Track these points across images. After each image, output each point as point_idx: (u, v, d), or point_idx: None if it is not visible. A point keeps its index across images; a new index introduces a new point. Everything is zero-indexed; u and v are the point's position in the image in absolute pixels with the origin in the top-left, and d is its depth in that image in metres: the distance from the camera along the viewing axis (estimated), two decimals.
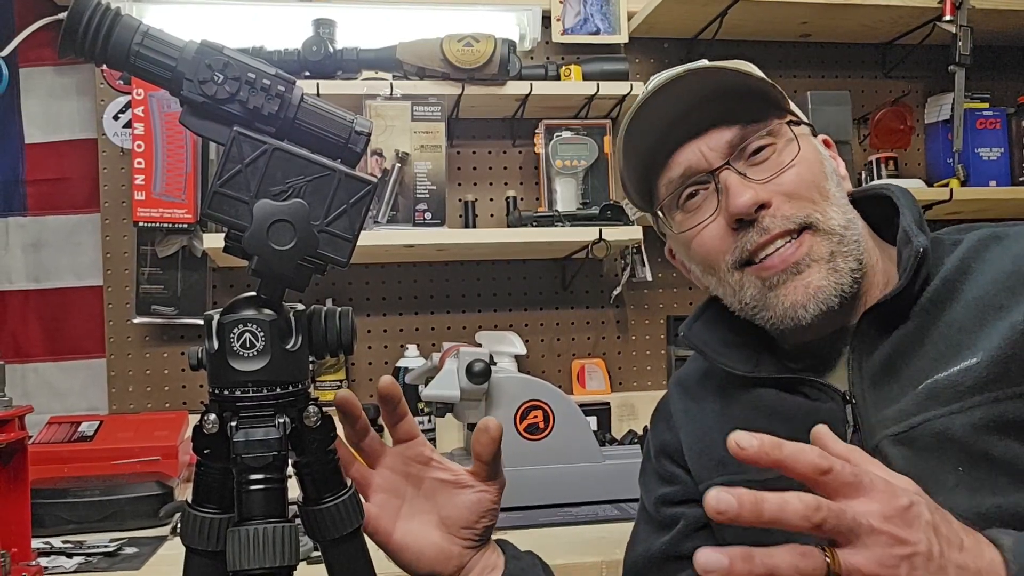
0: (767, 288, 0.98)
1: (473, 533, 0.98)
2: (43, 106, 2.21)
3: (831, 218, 0.97)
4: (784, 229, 0.96)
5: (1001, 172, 2.42)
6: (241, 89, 0.74)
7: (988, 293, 0.92)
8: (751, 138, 0.99)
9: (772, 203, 0.96)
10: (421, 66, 2.08)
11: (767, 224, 0.96)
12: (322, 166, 0.76)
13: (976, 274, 0.94)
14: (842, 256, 0.96)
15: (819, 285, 0.95)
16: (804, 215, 0.96)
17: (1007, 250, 0.94)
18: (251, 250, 0.73)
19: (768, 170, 0.98)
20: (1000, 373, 0.87)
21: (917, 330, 0.94)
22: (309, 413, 0.78)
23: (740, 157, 0.99)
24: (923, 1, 2.27)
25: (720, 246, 1.00)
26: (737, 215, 0.97)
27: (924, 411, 0.89)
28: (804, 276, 0.95)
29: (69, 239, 2.21)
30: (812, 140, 1.04)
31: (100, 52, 0.73)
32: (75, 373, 2.20)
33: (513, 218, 2.21)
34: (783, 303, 0.96)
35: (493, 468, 0.97)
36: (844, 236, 0.96)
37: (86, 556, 1.43)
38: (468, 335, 2.31)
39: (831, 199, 0.98)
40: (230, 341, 0.74)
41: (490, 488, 0.98)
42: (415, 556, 0.96)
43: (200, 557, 0.79)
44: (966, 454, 0.86)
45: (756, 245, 0.97)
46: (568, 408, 1.70)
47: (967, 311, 0.92)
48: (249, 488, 0.74)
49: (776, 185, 0.97)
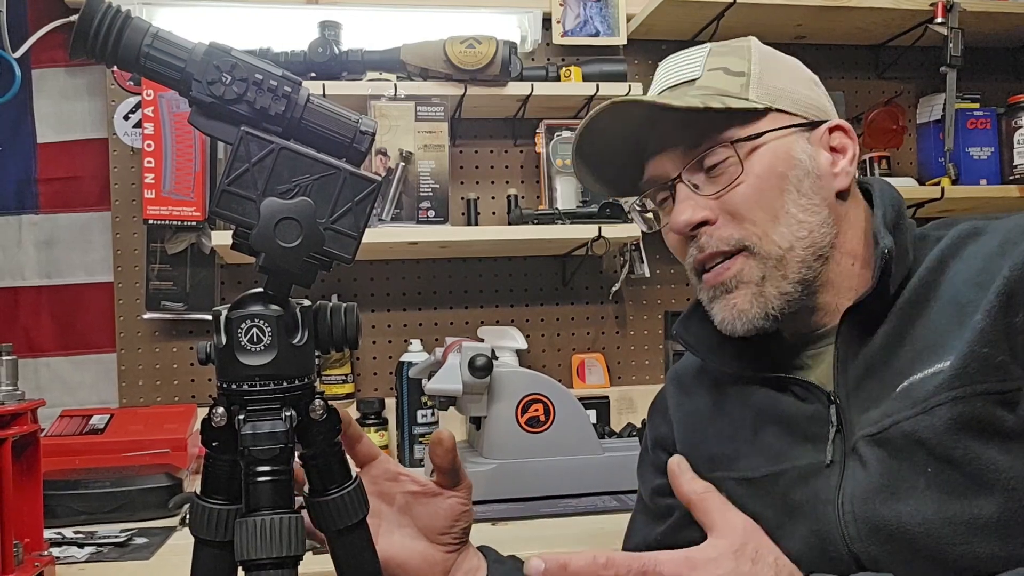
0: (709, 299, 1.01)
1: (452, 537, 1.00)
2: (55, 106, 2.21)
3: (773, 240, 0.96)
4: (717, 250, 0.98)
5: (991, 171, 2.42)
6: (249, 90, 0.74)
7: (960, 292, 0.91)
8: (701, 154, 0.98)
9: (716, 221, 0.98)
10: (425, 67, 2.07)
11: (703, 243, 0.98)
12: (328, 165, 0.76)
13: (952, 273, 0.93)
14: (774, 280, 0.96)
15: (743, 308, 0.97)
16: (740, 237, 0.96)
17: (981, 247, 0.93)
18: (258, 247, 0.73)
19: (719, 185, 0.98)
20: (960, 372, 0.85)
21: (897, 330, 0.94)
22: (315, 406, 0.78)
23: (696, 170, 0.99)
24: (915, 4, 2.26)
25: (678, 251, 1.04)
26: (675, 232, 1.00)
27: (896, 413, 0.89)
28: (731, 297, 0.98)
29: (80, 236, 2.21)
30: (788, 144, 0.99)
31: (111, 54, 0.73)
32: (86, 367, 2.20)
33: (514, 216, 2.21)
34: (717, 316, 1.00)
35: (454, 475, 1.00)
36: (784, 258, 0.96)
37: (97, 546, 1.43)
38: (470, 330, 2.31)
39: (780, 218, 0.96)
40: (238, 336, 0.74)
41: (459, 492, 1.01)
42: (400, 567, 0.98)
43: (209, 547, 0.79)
44: (933, 456, 0.86)
45: (696, 260, 1.00)
46: (568, 401, 1.70)
47: (943, 311, 0.91)
48: (256, 480, 0.74)
49: (722, 203, 0.97)
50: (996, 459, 0.84)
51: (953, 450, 0.85)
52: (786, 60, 1.05)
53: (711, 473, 1.05)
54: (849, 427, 0.93)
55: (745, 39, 1.05)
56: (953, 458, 0.85)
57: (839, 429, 0.94)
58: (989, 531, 0.83)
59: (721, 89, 0.99)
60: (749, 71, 1.01)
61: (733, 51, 1.03)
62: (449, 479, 0.99)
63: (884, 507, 0.87)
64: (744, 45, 1.04)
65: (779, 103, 1.00)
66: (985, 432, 0.85)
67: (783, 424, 1.00)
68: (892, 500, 0.87)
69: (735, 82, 1.00)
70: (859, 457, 0.91)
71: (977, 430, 0.85)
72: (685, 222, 0.98)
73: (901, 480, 0.87)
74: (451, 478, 0.99)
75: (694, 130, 0.99)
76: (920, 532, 0.84)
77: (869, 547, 0.87)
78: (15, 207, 2.19)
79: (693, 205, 0.98)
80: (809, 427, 0.97)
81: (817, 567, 0.89)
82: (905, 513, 0.85)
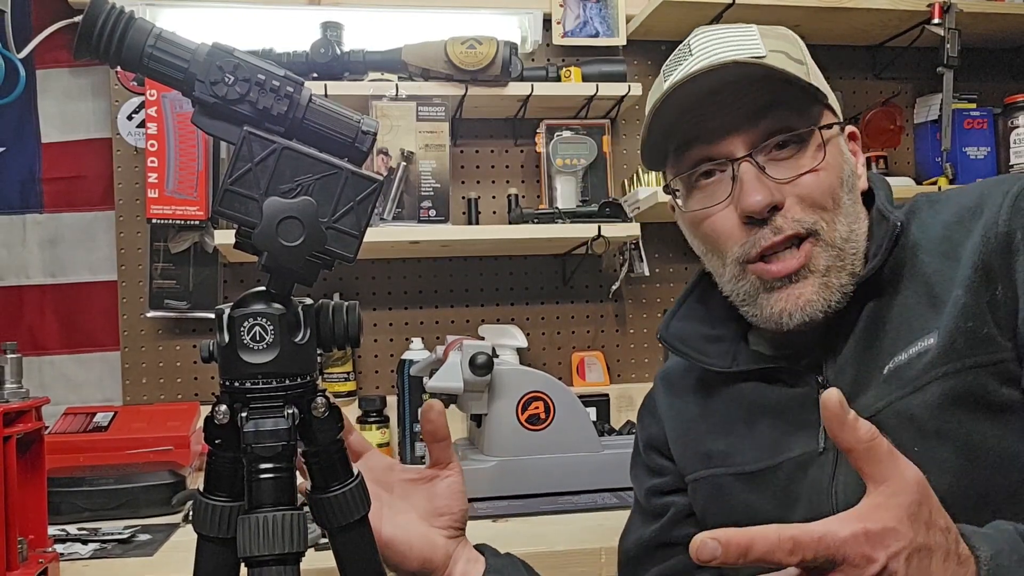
0: (764, 289, 0.96)
1: (453, 519, 1.00)
2: (59, 106, 2.21)
3: (837, 230, 0.94)
4: (795, 232, 0.93)
5: (988, 171, 2.42)
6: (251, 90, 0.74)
7: (926, 264, 0.91)
8: (779, 134, 0.95)
9: (785, 204, 0.94)
10: (426, 68, 2.07)
11: (780, 224, 0.94)
12: (330, 164, 0.76)
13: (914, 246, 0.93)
14: (836, 271, 0.94)
15: (809, 299, 0.94)
16: (812, 222, 0.94)
17: (937, 215, 0.94)
18: (261, 246, 0.73)
19: (788, 170, 0.94)
20: (949, 348, 0.86)
21: (877, 312, 0.94)
22: (317, 404, 0.78)
23: (763, 151, 0.95)
24: (912, 5, 2.26)
25: (732, 237, 0.97)
26: (748, 213, 0.94)
27: (887, 395, 0.89)
28: (798, 286, 0.94)
29: (84, 235, 2.21)
30: (839, 141, 1.00)
31: (115, 54, 0.73)
32: (90, 365, 2.20)
33: (515, 215, 2.21)
34: (773, 307, 0.95)
35: (447, 448, 0.99)
36: (843, 249, 0.95)
37: (101, 543, 1.43)
38: (471, 328, 2.31)
39: (842, 208, 0.95)
40: (241, 334, 0.74)
41: (453, 472, 1.00)
42: (406, 548, 0.97)
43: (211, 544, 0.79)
44: (921, 433, 0.86)
45: (769, 243, 0.94)
46: (568, 399, 1.70)
47: (916, 287, 0.91)
48: (259, 477, 0.74)
49: (793, 187, 0.94)
50: (987, 432, 0.84)
51: (944, 424, 0.85)
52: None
53: (707, 469, 1.05)
54: None
55: (781, 27, 1.02)
56: (943, 432, 0.85)
57: None
58: (981, 505, 0.83)
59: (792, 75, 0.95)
60: (806, 60, 0.99)
61: (783, 37, 1.00)
62: (442, 451, 0.99)
63: None
64: (790, 32, 1.01)
65: (829, 100, 1.00)
66: (978, 405, 0.85)
67: (775, 414, 1.00)
68: None
69: (800, 69, 0.97)
70: None
71: (971, 403, 0.85)
72: (764, 203, 0.92)
73: None
74: (444, 450, 0.99)
75: (765, 110, 0.95)
76: None
77: None
78: (20, 206, 2.19)
79: (768, 187, 0.93)
80: (800, 413, 0.97)
81: None
82: None
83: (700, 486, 1.07)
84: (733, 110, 0.95)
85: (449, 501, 1.00)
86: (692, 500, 1.09)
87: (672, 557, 1.09)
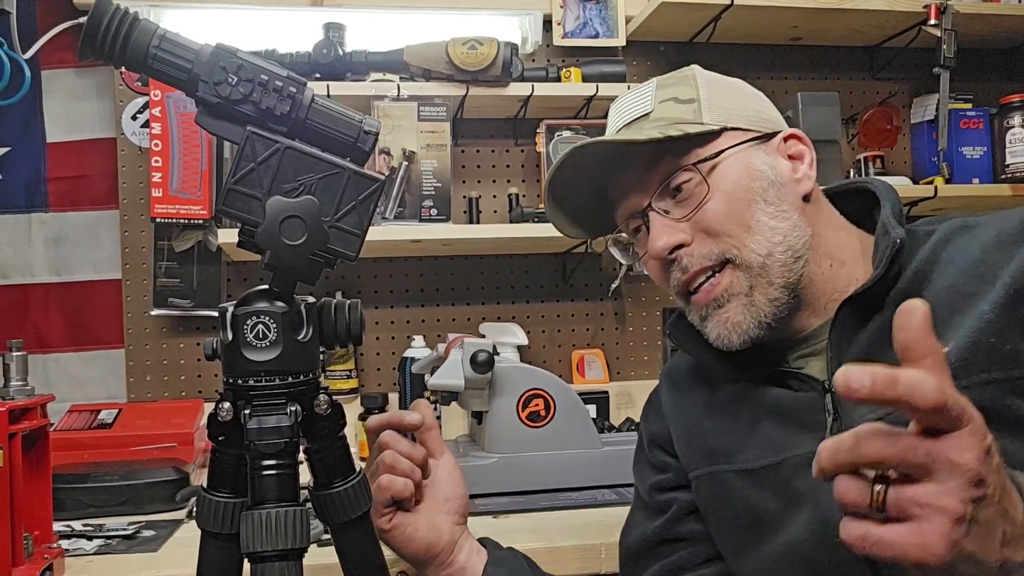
0: (700, 318, 1.01)
1: (456, 505, 1.07)
2: (64, 107, 2.21)
3: (751, 250, 0.97)
4: (701, 267, 0.98)
5: (984, 170, 2.42)
6: (254, 90, 0.74)
7: (958, 282, 0.91)
8: (668, 178, 1.00)
9: (691, 242, 0.99)
10: (427, 68, 2.07)
11: (686, 263, 0.99)
12: (332, 164, 0.76)
13: (946, 264, 0.94)
14: (761, 288, 0.97)
15: (736, 320, 0.97)
16: (720, 251, 0.98)
17: (976, 239, 0.94)
18: (264, 245, 0.73)
19: (688, 206, 0.99)
20: (968, 361, 0.86)
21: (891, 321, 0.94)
22: (319, 401, 0.78)
23: (664, 195, 1.00)
24: (909, 6, 2.26)
25: (660, 278, 1.04)
26: (654, 258, 1.01)
27: None
28: (724, 311, 0.98)
29: (89, 234, 2.20)
30: (748, 157, 1.01)
31: (119, 55, 0.73)
32: (95, 363, 2.20)
33: (515, 214, 2.20)
34: (710, 333, 1.00)
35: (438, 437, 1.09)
36: (766, 265, 0.97)
37: (105, 539, 1.43)
38: (472, 326, 2.31)
39: (753, 229, 0.97)
40: (244, 332, 0.74)
41: (448, 459, 1.09)
42: (411, 533, 1.04)
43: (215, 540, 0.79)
44: None
45: (680, 283, 1.00)
46: (568, 396, 1.70)
47: (939, 301, 0.91)
48: (262, 473, 0.74)
49: (695, 223, 0.99)
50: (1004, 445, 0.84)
51: None
52: (730, 81, 1.08)
53: (710, 466, 1.06)
54: (847, 416, 0.93)
55: (688, 68, 1.08)
56: None
57: (836, 418, 0.94)
58: None
59: (675, 118, 1.01)
60: (698, 96, 1.03)
61: (679, 81, 1.05)
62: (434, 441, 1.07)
63: None
64: (688, 74, 1.06)
65: (732, 122, 1.02)
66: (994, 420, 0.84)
67: (780, 415, 1.00)
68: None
69: (687, 109, 1.02)
70: None
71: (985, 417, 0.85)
72: (663, 246, 0.99)
73: None
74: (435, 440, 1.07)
75: (657, 160, 1.01)
76: None
77: None
78: (25, 205, 2.19)
79: (668, 229, 0.99)
80: (806, 416, 0.97)
81: (819, 552, 0.90)
82: None
83: (703, 483, 1.07)
84: (630, 169, 1.03)
85: (451, 486, 1.07)
86: (695, 496, 1.09)
87: (675, 553, 1.09)
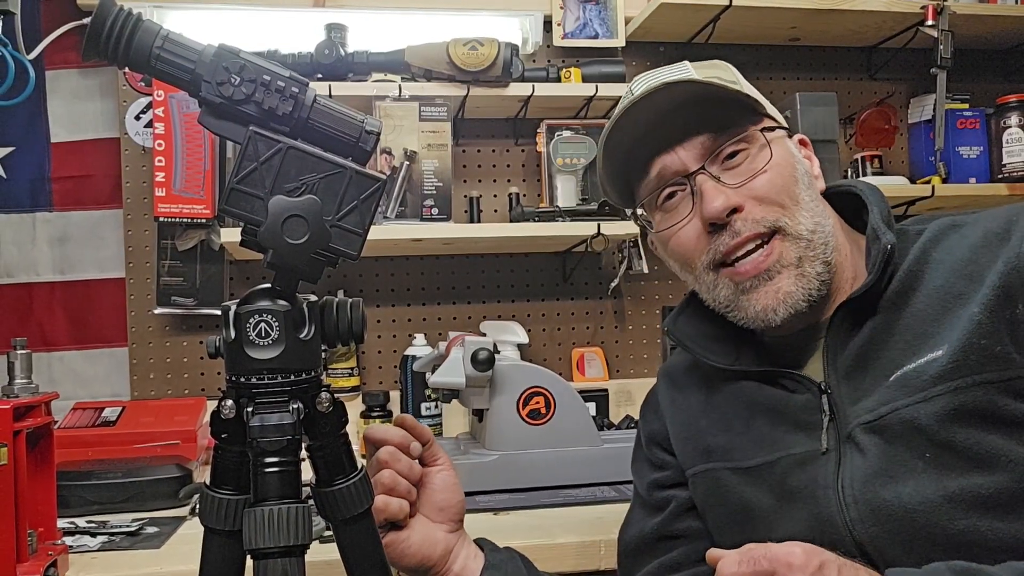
0: (740, 291, 0.98)
1: (452, 513, 1.03)
2: (68, 107, 2.21)
3: (800, 223, 0.97)
4: (754, 232, 0.96)
5: (980, 169, 2.42)
6: (257, 90, 0.74)
7: (948, 282, 0.91)
8: (725, 143, 0.98)
9: (744, 207, 0.97)
10: (428, 69, 2.07)
11: (738, 227, 0.97)
12: (334, 164, 0.76)
13: (936, 264, 0.94)
14: (809, 261, 0.96)
15: (788, 291, 0.96)
16: (774, 219, 0.96)
17: (964, 238, 0.94)
18: (266, 244, 0.73)
19: (741, 175, 0.98)
20: (960, 363, 0.86)
21: (885, 322, 0.94)
22: (322, 399, 0.78)
23: (715, 161, 0.99)
24: (906, 7, 2.26)
25: (695, 247, 1.01)
26: (711, 219, 0.97)
27: (893, 401, 0.90)
28: (775, 282, 0.96)
29: (93, 233, 2.20)
30: (787, 143, 1.03)
31: (122, 55, 0.73)
32: (99, 361, 2.20)
33: (516, 213, 2.20)
34: (755, 307, 0.97)
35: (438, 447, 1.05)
36: (812, 240, 0.96)
37: (109, 535, 1.43)
38: (473, 325, 2.31)
39: (801, 203, 0.98)
40: (246, 330, 0.74)
41: (444, 465, 1.05)
42: (404, 549, 1.00)
43: (218, 536, 0.79)
44: (931, 441, 0.86)
45: (729, 248, 0.97)
46: (568, 394, 1.70)
47: (930, 301, 0.92)
48: (264, 471, 0.74)
49: (748, 190, 0.97)
50: (998, 443, 0.84)
51: (954, 435, 0.85)
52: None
53: (707, 464, 1.06)
54: (842, 416, 0.94)
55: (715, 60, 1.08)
56: (954, 443, 0.86)
57: (832, 418, 0.94)
58: (991, 506, 0.83)
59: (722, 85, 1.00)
60: (738, 80, 1.04)
61: (714, 66, 1.05)
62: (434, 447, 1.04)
63: (885, 489, 0.87)
64: (722, 63, 1.06)
65: (768, 110, 1.03)
66: (987, 420, 0.85)
67: (775, 414, 1.00)
68: (892, 483, 0.87)
69: (732, 85, 1.01)
70: (856, 444, 0.91)
71: (979, 418, 0.85)
72: (722, 206, 0.96)
73: (900, 464, 0.88)
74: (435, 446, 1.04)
75: (714, 122, 0.99)
76: (921, 510, 0.85)
77: (870, 529, 0.88)
78: (29, 205, 2.19)
79: (725, 192, 0.97)
80: (801, 416, 0.97)
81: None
82: (905, 494, 0.86)
83: (700, 480, 1.07)
84: (678, 129, 1.00)
85: (447, 495, 1.03)
86: (693, 494, 1.09)
87: (674, 549, 1.10)
